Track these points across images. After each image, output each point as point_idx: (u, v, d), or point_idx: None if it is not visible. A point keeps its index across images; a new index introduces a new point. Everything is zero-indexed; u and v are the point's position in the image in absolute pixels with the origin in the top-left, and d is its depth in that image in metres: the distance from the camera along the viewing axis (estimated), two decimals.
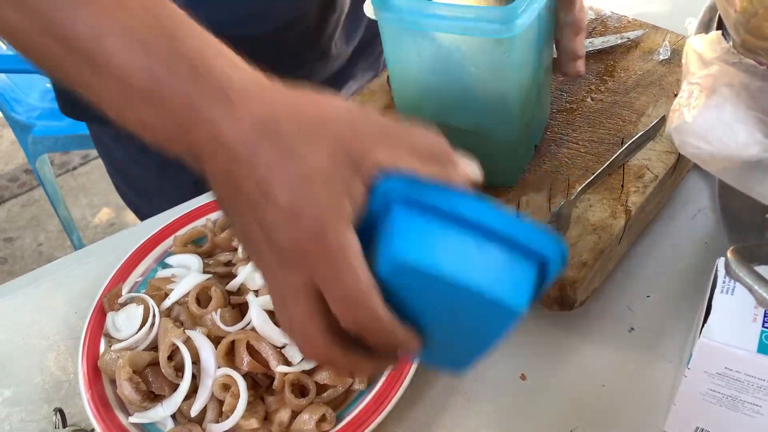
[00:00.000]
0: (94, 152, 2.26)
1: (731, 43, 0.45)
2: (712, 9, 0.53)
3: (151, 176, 0.96)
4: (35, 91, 1.71)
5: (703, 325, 0.45)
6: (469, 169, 0.38)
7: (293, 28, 0.80)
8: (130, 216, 2.07)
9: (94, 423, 0.56)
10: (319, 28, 0.82)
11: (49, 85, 1.75)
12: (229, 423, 0.55)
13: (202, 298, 0.62)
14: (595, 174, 0.62)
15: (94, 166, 2.26)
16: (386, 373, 0.57)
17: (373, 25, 0.67)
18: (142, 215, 1.05)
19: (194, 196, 0.94)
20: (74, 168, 2.27)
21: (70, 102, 0.90)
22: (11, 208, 2.18)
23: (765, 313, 0.45)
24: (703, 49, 0.44)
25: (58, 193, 1.75)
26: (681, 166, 0.65)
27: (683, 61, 0.46)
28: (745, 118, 0.40)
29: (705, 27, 0.52)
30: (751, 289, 0.39)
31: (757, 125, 0.40)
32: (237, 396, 0.55)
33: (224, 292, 0.62)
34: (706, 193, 0.69)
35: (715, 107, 0.41)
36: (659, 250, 0.66)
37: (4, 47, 1.66)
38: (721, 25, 0.49)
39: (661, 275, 0.64)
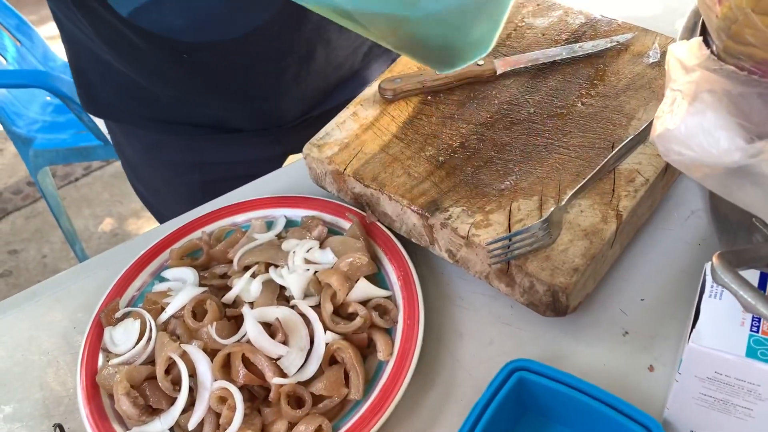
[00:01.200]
0: (96, 164, 2.28)
1: (714, 48, 0.46)
2: (697, 14, 0.53)
3: (160, 173, 0.97)
4: (35, 104, 1.72)
5: (691, 330, 0.46)
6: None
7: (267, 32, 0.78)
8: (132, 226, 2.08)
9: None
10: (295, 31, 0.80)
11: (49, 98, 1.76)
12: None
13: (198, 311, 0.63)
14: (586, 179, 0.62)
15: (96, 177, 2.27)
16: (381, 383, 0.57)
17: None
18: (158, 215, 1.07)
19: (202, 195, 0.95)
20: (76, 179, 2.28)
21: (91, 98, 0.91)
22: (15, 220, 2.19)
23: (753, 318, 0.45)
24: (684, 56, 0.44)
25: (60, 205, 1.76)
26: (672, 168, 0.65)
27: (665, 67, 0.46)
28: (727, 124, 0.40)
29: (689, 32, 0.52)
30: (736, 294, 0.40)
31: (738, 131, 0.40)
32: (234, 408, 0.56)
33: (219, 305, 0.63)
34: (698, 196, 0.69)
35: (697, 114, 0.41)
36: (652, 253, 0.66)
37: (5, 62, 1.68)
38: (704, 30, 0.50)
39: (655, 278, 0.64)
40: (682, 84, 0.43)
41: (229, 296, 0.64)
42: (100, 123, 1.53)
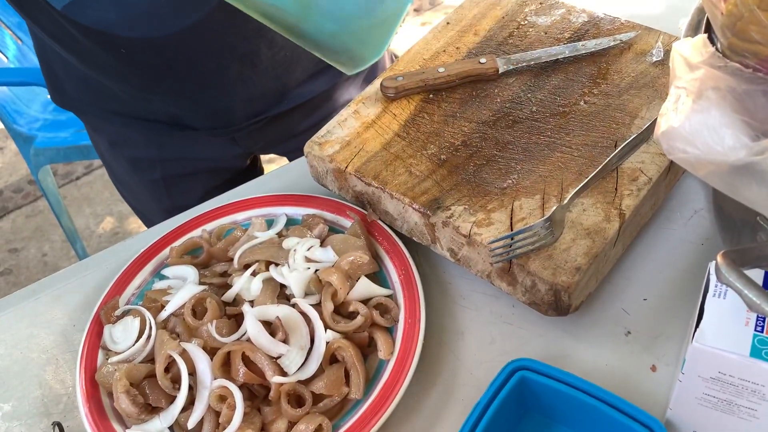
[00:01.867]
0: (97, 162, 2.27)
1: (719, 45, 0.45)
2: (701, 11, 0.53)
3: (125, 169, 0.97)
4: (36, 102, 1.72)
5: (695, 330, 0.45)
6: None
7: (202, 29, 0.76)
8: (133, 225, 2.08)
9: None
10: (232, 30, 0.78)
11: (49, 96, 1.76)
12: None
13: (198, 309, 0.62)
14: (589, 177, 0.62)
15: (97, 176, 2.27)
16: (382, 383, 0.57)
17: None
18: (137, 211, 1.07)
19: (165, 191, 0.94)
20: (77, 178, 2.28)
21: (58, 91, 0.91)
22: (16, 218, 2.18)
23: (757, 317, 0.45)
24: (688, 53, 0.44)
25: (61, 203, 1.76)
26: (675, 168, 0.65)
27: (670, 65, 0.46)
28: (732, 122, 0.40)
29: (693, 29, 0.52)
30: (740, 294, 0.39)
31: (743, 129, 0.39)
32: (233, 407, 0.56)
33: (219, 303, 0.62)
34: (701, 195, 0.69)
35: (702, 111, 0.41)
36: (655, 252, 0.65)
37: (6, 60, 1.68)
38: (709, 28, 0.49)
39: (658, 278, 0.64)
40: (687, 81, 0.43)
41: (230, 294, 0.64)
42: None
